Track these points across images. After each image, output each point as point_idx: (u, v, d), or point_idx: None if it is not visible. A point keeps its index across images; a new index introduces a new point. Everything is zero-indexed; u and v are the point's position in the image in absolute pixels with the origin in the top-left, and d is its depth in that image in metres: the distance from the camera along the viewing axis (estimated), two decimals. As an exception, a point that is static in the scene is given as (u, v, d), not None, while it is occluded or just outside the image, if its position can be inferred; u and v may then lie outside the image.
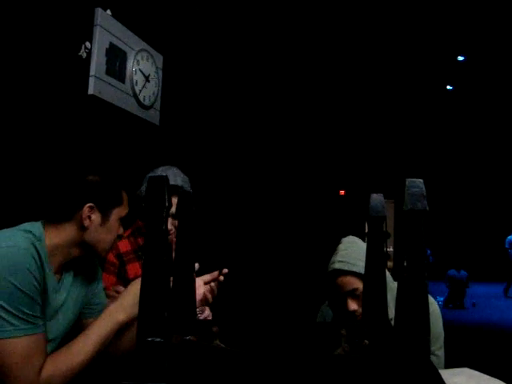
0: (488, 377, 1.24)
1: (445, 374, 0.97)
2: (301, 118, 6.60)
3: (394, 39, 7.13)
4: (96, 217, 1.37)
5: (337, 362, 0.92)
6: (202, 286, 1.55)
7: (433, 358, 1.83)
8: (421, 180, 0.79)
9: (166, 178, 0.81)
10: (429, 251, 10.54)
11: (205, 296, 1.57)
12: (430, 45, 7.60)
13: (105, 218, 1.39)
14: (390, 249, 7.34)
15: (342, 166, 8.56)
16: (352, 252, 1.69)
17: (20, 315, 1.18)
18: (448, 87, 10.03)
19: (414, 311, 0.76)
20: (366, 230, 1.03)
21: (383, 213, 1.06)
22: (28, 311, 1.19)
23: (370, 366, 0.87)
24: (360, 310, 1.59)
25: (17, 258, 1.20)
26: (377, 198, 1.08)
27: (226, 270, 1.60)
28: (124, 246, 2.04)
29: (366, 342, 0.94)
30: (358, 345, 0.94)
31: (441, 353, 1.86)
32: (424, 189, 0.78)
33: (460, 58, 8.54)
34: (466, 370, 1.30)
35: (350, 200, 8.89)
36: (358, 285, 1.60)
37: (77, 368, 1.27)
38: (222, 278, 1.58)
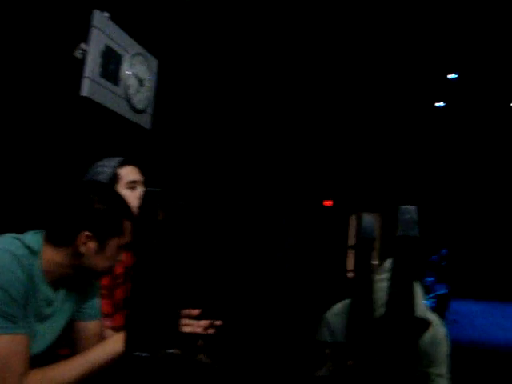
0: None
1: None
2: (290, 123, 6.63)
3: (386, 57, 7.19)
4: (92, 245, 1.37)
5: (319, 382, 0.92)
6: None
7: (444, 381, 1.86)
8: (414, 207, 0.80)
9: (159, 193, 0.81)
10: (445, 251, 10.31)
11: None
12: (421, 63, 7.67)
13: (101, 246, 1.39)
14: (375, 262, 7.34)
15: (328, 177, 8.58)
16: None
17: None
18: (438, 104, 10.11)
19: (401, 337, 0.76)
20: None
21: (373, 234, 1.07)
22: (7, 310, 1.19)
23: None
24: None
25: (4, 260, 1.21)
26: (368, 219, 1.08)
27: (218, 323, 1.61)
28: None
29: (351, 362, 0.94)
30: (343, 365, 0.94)
31: (448, 375, 1.90)
32: (416, 216, 0.79)
33: (451, 76, 8.61)
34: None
35: (334, 211, 8.91)
36: None
37: None
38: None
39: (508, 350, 7.01)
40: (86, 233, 1.35)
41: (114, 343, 1.35)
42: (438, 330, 1.99)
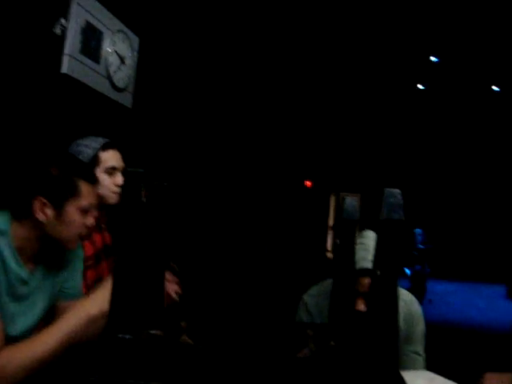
0: (447, 380, 1.29)
1: (406, 376, 0.99)
2: (270, 104, 6.61)
3: (368, 40, 7.17)
4: (49, 211, 1.33)
5: (302, 362, 0.92)
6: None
7: (419, 359, 1.89)
8: (398, 190, 0.80)
9: (142, 174, 0.80)
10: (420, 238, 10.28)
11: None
12: (404, 45, 7.68)
13: (59, 211, 1.35)
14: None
15: (308, 158, 8.58)
16: None
17: None
18: (420, 87, 10.16)
19: (383, 321, 0.77)
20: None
21: (356, 216, 1.07)
22: None
23: (335, 368, 0.88)
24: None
25: None
26: (350, 201, 1.08)
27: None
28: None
29: (332, 343, 0.95)
30: (325, 346, 0.95)
31: (424, 353, 1.92)
32: (401, 199, 0.79)
33: (433, 59, 8.64)
34: (427, 372, 1.34)
35: (314, 192, 8.94)
36: None
37: (39, 359, 1.23)
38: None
39: (481, 329, 7.18)
40: (40, 199, 1.32)
41: (86, 306, 1.31)
42: (414, 308, 2.01)
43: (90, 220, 1.42)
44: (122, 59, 2.97)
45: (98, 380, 0.75)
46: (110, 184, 1.98)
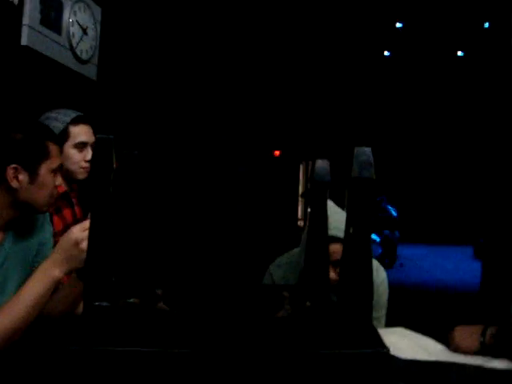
0: (420, 335, 1.33)
1: (381, 332, 1.01)
2: (238, 74, 6.55)
3: (335, 7, 7.14)
4: (23, 176, 1.33)
5: (279, 323, 0.94)
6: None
7: (380, 324, 1.93)
8: (369, 148, 0.81)
9: (112, 140, 0.79)
10: (393, 210, 10.28)
11: None
12: (369, 12, 7.67)
13: (33, 175, 1.34)
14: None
15: (276, 126, 8.55)
16: (342, 218, 1.66)
17: None
18: (385, 53, 10.20)
19: (358, 278, 0.78)
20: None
21: (328, 178, 1.07)
22: None
23: (311, 328, 0.89)
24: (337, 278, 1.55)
25: None
26: (322, 164, 1.09)
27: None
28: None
29: (308, 303, 0.97)
30: (300, 306, 0.96)
31: (385, 316, 1.96)
32: (372, 157, 0.80)
33: (398, 25, 8.68)
34: (401, 329, 1.38)
35: (284, 161, 8.94)
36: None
37: (8, 331, 1.20)
38: None
39: (450, 290, 7.39)
40: (13, 166, 1.31)
41: (48, 270, 1.27)
42: (378, 274, 2.01)
43: (59, 180, 1.43)
44: (84, 30, 2.89)
45: (78, 349, 0.75)
46: (80, 160, 1.95)
